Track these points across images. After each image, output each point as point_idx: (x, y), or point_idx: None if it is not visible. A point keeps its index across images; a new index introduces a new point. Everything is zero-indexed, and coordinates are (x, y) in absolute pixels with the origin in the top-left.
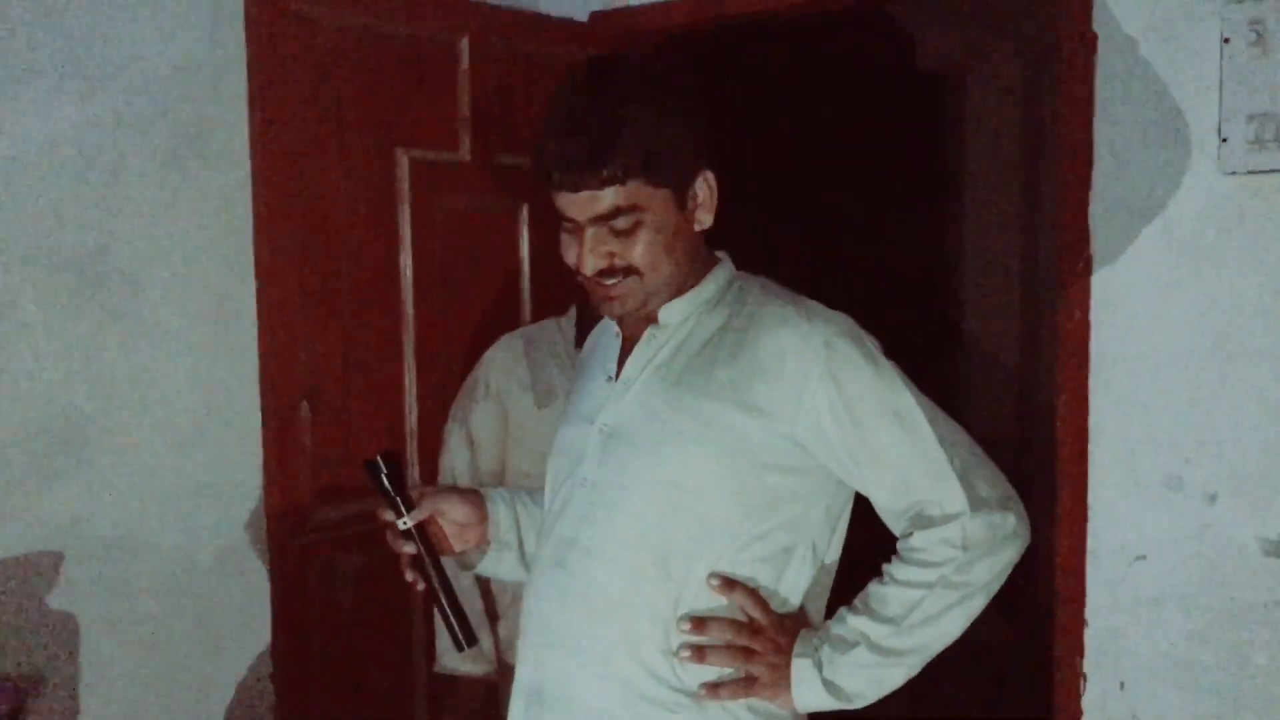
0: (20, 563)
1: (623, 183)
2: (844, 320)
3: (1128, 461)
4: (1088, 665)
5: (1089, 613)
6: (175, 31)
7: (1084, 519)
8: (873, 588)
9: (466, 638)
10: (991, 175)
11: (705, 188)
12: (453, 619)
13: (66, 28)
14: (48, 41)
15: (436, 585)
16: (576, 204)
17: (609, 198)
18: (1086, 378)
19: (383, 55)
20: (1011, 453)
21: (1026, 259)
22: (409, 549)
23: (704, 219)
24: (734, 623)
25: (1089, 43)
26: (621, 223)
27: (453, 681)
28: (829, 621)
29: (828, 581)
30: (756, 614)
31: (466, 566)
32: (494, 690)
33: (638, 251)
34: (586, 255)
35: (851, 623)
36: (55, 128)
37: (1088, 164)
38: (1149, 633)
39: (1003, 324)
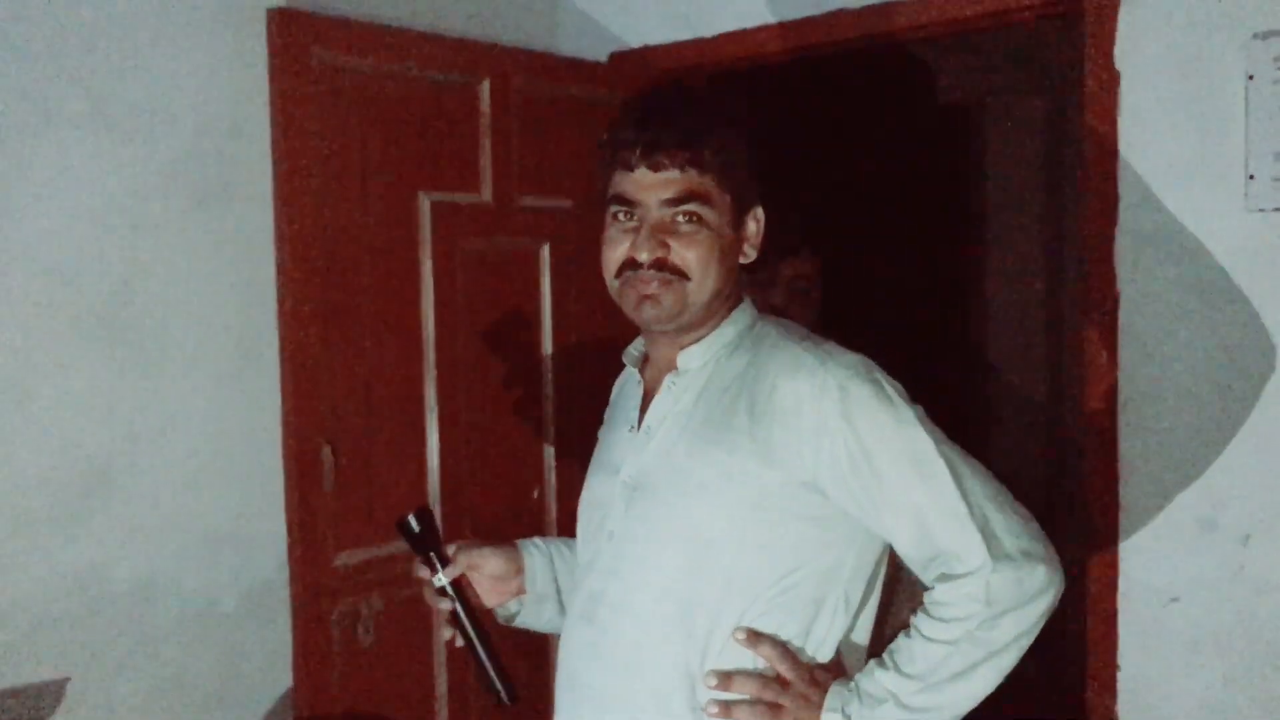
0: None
1: (702, 172)
2: (861, 363)
3: (1159, 502)
4: (1121, 709)
5: (1121, 656)
6: (199, 77)
7: (1115, 561)
8: (900, 641)
9: (508, 693)
10: (1013, 210)
11: (755, 222)
12: (492, 674)
13: (91, 75)
14: (73, 88)
15: (475, 640)
16: (653, 185)
17: (686, 181)
18: (1116, 417)
19: (404, 99)
20: (1040, 493)
21: (1050, 295)
22: (445, 606)
23: (750, 252)
24: (760, 677)
25: (1112, 80)
26: (684, 219)
27: None
28: (859, 675)
29: (866, 630)
30: (784, 668)
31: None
32: None
33: (692, 253)
34: (644, 240)
35: (880, 678)
36: (79, 172)
37: (1113, 202)
38: (1183, 676)
39: (1027, 361)
